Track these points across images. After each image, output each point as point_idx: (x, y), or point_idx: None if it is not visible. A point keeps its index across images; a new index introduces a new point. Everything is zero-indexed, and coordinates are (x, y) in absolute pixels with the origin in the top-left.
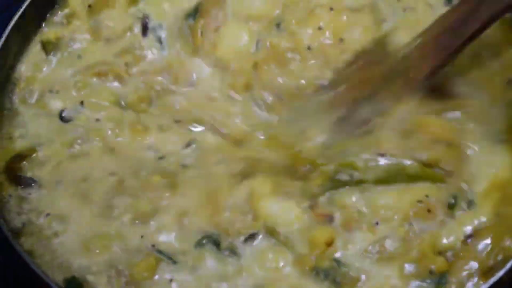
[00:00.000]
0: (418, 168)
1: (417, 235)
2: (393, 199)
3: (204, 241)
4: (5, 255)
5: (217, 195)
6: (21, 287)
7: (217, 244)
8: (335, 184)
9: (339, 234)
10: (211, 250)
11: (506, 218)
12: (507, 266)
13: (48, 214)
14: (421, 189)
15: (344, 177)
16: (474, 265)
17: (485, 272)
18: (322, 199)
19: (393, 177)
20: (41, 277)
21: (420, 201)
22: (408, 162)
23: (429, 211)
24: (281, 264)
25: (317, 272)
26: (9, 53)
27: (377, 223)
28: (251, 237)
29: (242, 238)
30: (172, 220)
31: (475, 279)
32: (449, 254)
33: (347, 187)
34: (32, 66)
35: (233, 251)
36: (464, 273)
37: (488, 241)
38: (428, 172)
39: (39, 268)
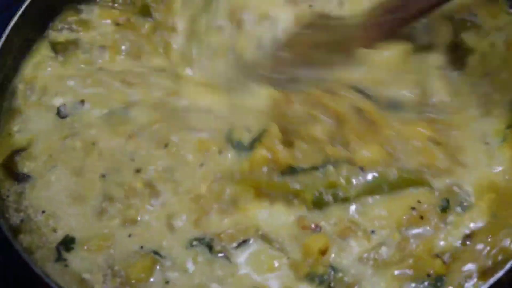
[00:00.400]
0: (399, 177)
1: (413, 242)
2: (386, 209)
3: (194, 243)
4: (5, 255)
5: (202, 200)
6: (21, 287)
7: (209, 247)
8: (319, 206)
9: (334, 241)
10: (203, 253)
11: (503, 219)
12: (506, 267)
13: (43, 212)
14: (413, 195)
15: (328, 198)
16: (472, 266)
17: (484, 273)
18: (310, 214)
19: (375, 189)
20: (41, 277)
21: (413, 208)
22: (389, 172)
23: (421, 217)
24: (276, 268)
25: (312, 277)
26: (9, 53)
27: (372, 231)
28: (244, 242)
29: (234, 244)
30: (161, 223)
31: (474, 280)
32: (446, 256)
33: (333, 205)
34: (37, 65)
35: (226, 256)
36: (463, 275)
37: (486, 242)
38: (409, 179)
39: (39, 268)
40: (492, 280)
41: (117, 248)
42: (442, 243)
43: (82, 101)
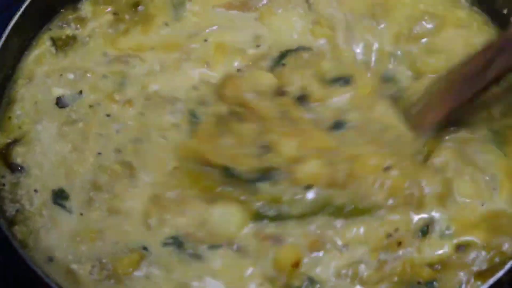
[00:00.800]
0: (347, 201)
1: (393, 263)
2: (361, 232)
3: (169, 241)
4: (5, 255)
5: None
6: (21, 287)
7: (180, 246)
8: (262, 218)
9: (306, 255)
10: (175, 252)
11: (498, 233)
12: (506, 267)
13: (36, 191)
14: (390, 222)
15: (271, 212)
16: (466, 270)
17: (480, 274)
18: (266, 227)
19: (319, 209)
20: (41, 277)
21: (389, 235)
22: (336, 194)
23: (399, 244)
24: (248, 278)
25: None
26: (9, 52)
27: (344, 246)
28: (214, 247)
29: (204, 246)
30: (138, 220)
31: (471, 281)
32: (436, 266)
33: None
34: (37, 59)
35: (197, 256)
36: (456, 279)
37: (481, 249)
38: (357, 208)
39: (39, 267)
40: (492, 280)
41: (105, 241)
42: (428, 257)
43: (81, 92)
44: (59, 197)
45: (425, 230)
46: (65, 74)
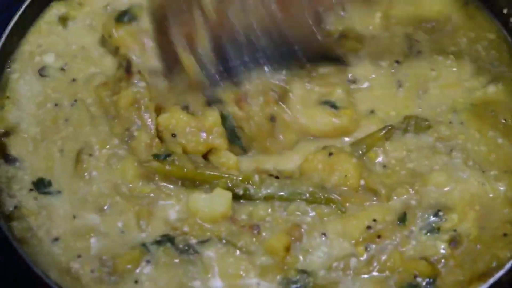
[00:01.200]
0: (311, 194)
1: (381, 256)
2: (340, 226)
3: (161, 239)
4: (5, 255)
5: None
6: (21, 287)
7: (172, 243)
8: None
9: (291, 239)
10: (170, 249)
11: (490, 230)
12: (506, 267)
13: (31, 190)
14: (367, 214)
15: (239, 191)
16: (463, 270)
17: (479, 276)
18: (240, 214)
19: (286, 199)
20: (41, 277)
21: (369, 227)
22: (303, 189)
23: (379, 236)
24: (243, 271)
25: (287, 282)
26: (9, 52)
27: (323, 234)
28: (205, 242)
29: (194, 240)
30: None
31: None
32: (432, 259)
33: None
34: (40, 33)
35: (192, 252)
36: (455, 277)
37: (476, 248)
38: (318, 198)
39: (39, 267)
40: (492, 280)
41: (104, 239)
42: (419, 248)
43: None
44: (42, 184)
45: (403, 217)
46: (62, 47)
